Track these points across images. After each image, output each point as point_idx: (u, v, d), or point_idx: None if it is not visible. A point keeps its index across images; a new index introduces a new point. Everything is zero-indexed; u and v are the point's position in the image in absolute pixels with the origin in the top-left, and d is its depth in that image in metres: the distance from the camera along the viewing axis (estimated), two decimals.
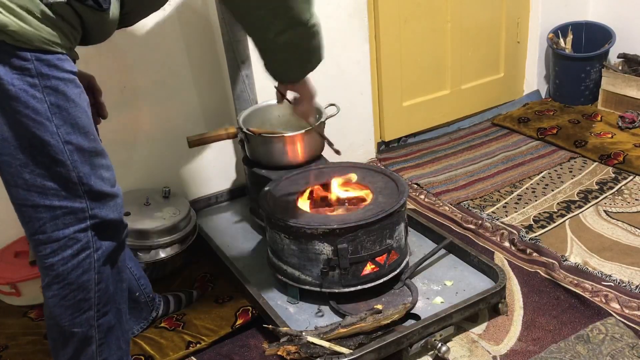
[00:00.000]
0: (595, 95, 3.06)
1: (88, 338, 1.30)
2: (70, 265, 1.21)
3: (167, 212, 1.96)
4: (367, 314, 1.57)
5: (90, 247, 1.22)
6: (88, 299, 1.26)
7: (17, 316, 1.83)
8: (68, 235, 1.19)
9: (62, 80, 1.11)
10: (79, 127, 1.15)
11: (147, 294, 1.68)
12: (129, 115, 2.11)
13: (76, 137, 1.14)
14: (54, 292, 1.24)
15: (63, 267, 1.21)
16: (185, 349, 1.64)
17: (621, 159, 2.52)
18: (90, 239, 1.22)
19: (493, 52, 3.02)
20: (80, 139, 1.15)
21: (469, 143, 2.85)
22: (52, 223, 1.18)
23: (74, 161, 1.15)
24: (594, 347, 1.57)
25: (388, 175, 1.85)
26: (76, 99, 1.14)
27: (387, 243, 1.68)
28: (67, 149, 1.14)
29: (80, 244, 1.21)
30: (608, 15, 3.10)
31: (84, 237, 1.21)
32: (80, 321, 1.27)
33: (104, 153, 1.23)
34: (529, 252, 1.97)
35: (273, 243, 1.75)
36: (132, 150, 2.15)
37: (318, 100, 2.18)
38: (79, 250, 1.21)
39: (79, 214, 1.19)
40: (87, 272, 1.24)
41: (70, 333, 1.28)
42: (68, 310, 1.26)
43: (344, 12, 2.41)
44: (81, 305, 1.26)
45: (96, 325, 1.29)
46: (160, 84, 2.13)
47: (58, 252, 1.20)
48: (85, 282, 1.24)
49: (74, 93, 1.14)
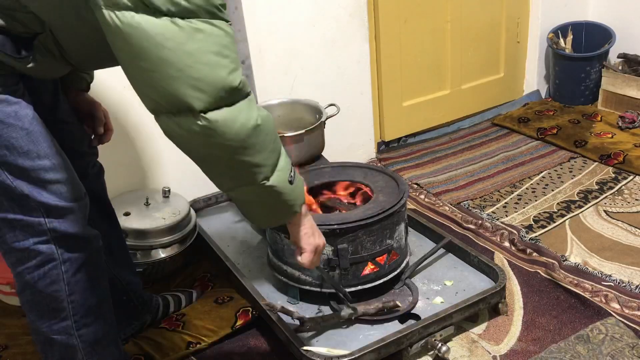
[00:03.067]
0: (595, 95, 3.06)
1: (71, 346, 1.29)
2: (36, 275, 1.21)
3: (167, 212, 1.96)
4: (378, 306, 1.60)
5: (56, 258, 1.21)
6: (61, 309, 1.25)
7: (17, 316, 1.82)
8: (28, 246, 1.19)
9: None
10: (14, 148, 1.12)
11: (137, 298, 1.67)
12: (129, 115, 2.11)
13: (13, 158, 1.12)
14: (27, 297, 1.25)
15: (29, 275, 1.21)
16: (185, 349, 1.64)
17: (621, 159, 2.52)
18: (55, 251, 1.21)
19: (493, 52, 3.01)
20: (19, 159, 1.12)
21: (469, 143, 2.85)
22: (10, 234, 1.18)
23: (14, 180, 1.14)
24: (594, 347, 1.57)
25: (389, 175, 1.84)
26: (8, 119, 1.10)
27: (387, 243, 1.68)
28: (4, 170, 1.12)
29: (44, 255, 1.20)
30: (608, 15, 3.10)
31: (46, 249, 1.20)
32: (59, 329, 1.27)
33: (58, 167, 1.18)
34: (529, 252, 1.97)
35: (273, 243, 1.75)
36: (132, 150, 2.15)
37: (319, 100, 2.20)
38: (43, 261, 1.21)
39: (36, 227, 1.18)
40: (55, 283, 1.23)
41: (52, 339, 1.28)
42: (43, 316, 1.26)
43: (344, 12, 2.41)
44: (55, 313, 1.25)
45: (76, 335, 1.28)
46: None
47: (22, 261, 1.21)
48: (55, 292, 1.23)
49: (5, 113, 1.10)
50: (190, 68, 0.98)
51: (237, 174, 1.14)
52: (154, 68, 0.98)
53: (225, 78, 1.02)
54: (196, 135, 1.04)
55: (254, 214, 1.28)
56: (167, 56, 0.97)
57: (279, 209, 1.24)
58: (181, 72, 0.98)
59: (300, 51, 2.36)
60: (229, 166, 1.12)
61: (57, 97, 1.33)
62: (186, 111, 1.02)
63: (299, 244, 1.34)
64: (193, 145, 1.08)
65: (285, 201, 1.22)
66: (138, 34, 0.96)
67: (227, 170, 1.14)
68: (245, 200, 1.23)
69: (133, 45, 0.97)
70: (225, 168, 1.13)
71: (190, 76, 0.99)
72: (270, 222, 1.32)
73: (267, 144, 1.12)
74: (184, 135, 1.05)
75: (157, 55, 0.97)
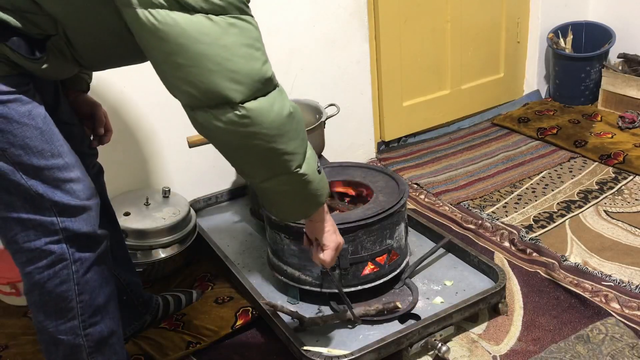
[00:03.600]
0: (595, 95, 3.06)
1: (76, 346, 1.29)
2: (46, 274, 1.21)
3: (167, 212, 1.96)
4: None
5: (67, 258, 1.21)
6: (70, 308, 1.25)
7: (17, 316, 1.82)
8: (40, 246, 1.19)
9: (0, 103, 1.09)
10: (29, 147, 1.12)
11: (137, 298, 1.67)
12: (128, 116, 2.11)
13: (28, 158, 1.13)
14: (34, 297, 1.25)
15: (39, 275, 1.21)
16: (185, 349, 1.64)
17: (621, 159, 2.52)
18: (66, 251, 1.21)
19: (493, 52, 3.02)
20: (34, 159, 1.13)
21: (469, 143, 2.85)
22: (23, 234, 1.18)
23: (28, 180, 1.14)
24: (594, 347, 1.57)
25: (389, 175, 1.85)
26: (22, 119, 1.11)
27: (387, 243, 1.68)
28: (18, 169, 1.13)
29: (55, 255, 1.20)
30: (608, 15, 3.10)
31: (57, 249, 1.20)
32: (65, 329, 1.27)
33: (70, 166, 1.20)
34: (529, 252, 1.97)
35: (273, 243, 1.75)
36: (132, 150, 2.15)
37: (319, 100, 2.20)
38: (54, 261, 1.21)
39: (49, 227, 1.18)
40: (65, 283, 1.23)
41: (57, 339, 1.28)
42: (51, 316, 1.26)
43: (344, 12, 2.41)
44: (63, 314, 1.25)
45: (83, 334, 1.28)
46: (161, 84, 2.13)
47: (33, 261, 1.20)
48: (64, 292, 1.23)
49: (19, 113, 1.11)
50: (228, 61, 1.02)
51: (272, 163, 1.16)
52: (192, 63, 1.01)
53: (260, 69, 1.06)
54: (234, 125, 1.07)
55: (282, 206, 1.29)
56: (204, 51, 1.01)
57: (308, 199, 1.27)
58: (219, 65, 1.02)
59: (300, 51, 2.36)
60: (265, 156, 1.14)
61: (58, 97, 1.34)
62: (224, 104, 1.05)
63: (322, 241, 1.35)
64: (230, 137, 1.11)
65: (314, 190, 1.24)
66: (175, 31, 0.99)
67: (262, 160, 1.16)
68: (277, 191, 1.24)
69: (170, 42, 1.00)
70: (260, 158, 1.15)
71: (228, 69, 1.02)
72: (298, 214, 1.33)
73: (299, 132, 1.17)
74: (220, 128, 1.08)
75: (194, 50, 1.01)
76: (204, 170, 2.33)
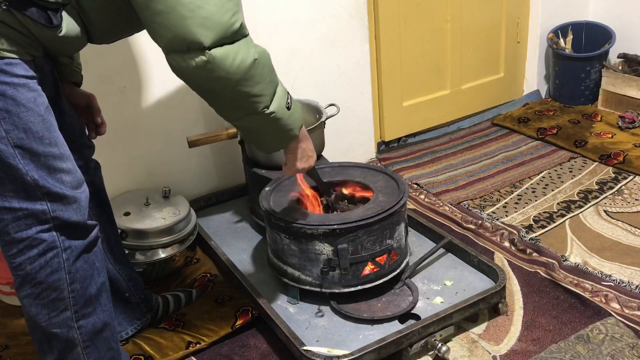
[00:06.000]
0: (595, 95, 3.06)
1: (70, 340, 1.30)
2: (37, 264, 1.23)
3: (167, 212, 1.96)
4: None
5: (57, 246, 1.24)
6: (62, 298, 1.27)
7: (17, 316, 1.82)
8: (31, 235, 1.21)
9: (11, 85, 1.12)
10: (31, 132, 1.16)
11: (139, 295, 1.67)
12: (129, 115, 2.11)
13: (29, 142, 1.16)
14: (26, 291, 1.26)
15: (30, 266, 1.23)
16: (185, 349, 1.64)
17: (621, 159, 2.52)
18: (57, 239, 1.23)
19: (493, 52, 3.02)
20: (34, 143, 1.16)
21: (469, 143, 2.85)
22: (14, 224, 1.20)
23: (26, 165, 1.16)
24: (594, 347, 1.57)
25: (389, 175, 1.85)
26: (28, 103, 1.15)
27: (388, 243, 1.68)
28: (17, 153, 1.15)
29: (46, 244, 1.22)
30: (608, 15, 3.10)
31: (48, 237, 1.23)
32: (58, 322, 1.28)
33: (64, 157, 1.23)
34: (529, 252, 1.97)
35: (273, 243, 1.75)
36: (132, 150, 2.15)
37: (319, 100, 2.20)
38: (45, 249, 1.23)
39: (40, 216, 1.21)
40: (56, 272, 1.25)
41: (51, 334, 1.29)
42: (44, 309, 1.27)
43: (344, 12, 2.41)
44: (56, 304, 1.27)
45: (76, 326, 1.29)
46: (161, 84, 2.13)
47: (24, 251, 1.22)
48: (55, 282, 1.25)
49: (26, 98, 1.15)
50: (200, 9, 1.12)
51: (240, 105, 1.27)
52: (169, 10, 1.12)
53: (229, 19, 1.16)
54: (201, 70, 1.17)
55: (260, 140, 1.43)
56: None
57: (280, 134, 1.40)
58: (192, 12, 1.12)
59: (300, 51, 2.36)
60: (233, 97, 1.25)
61: (57, 88, 1.36)
62: (195, 49, 1.15)
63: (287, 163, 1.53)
64: (200, 80, 1.21)
65: (285, 126, 1.37)
66: None
67: (231, 102, 1.27)
68: (252, 128, 1.37)
69: None
70: (229, 99, 1.26)
71: (200, 15, 1.12)
72: (273, 146, 1.45)
73: (264, 76, 1.26)
74: (190, 71, 1.18)
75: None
76: (204, 170, 2.34)
